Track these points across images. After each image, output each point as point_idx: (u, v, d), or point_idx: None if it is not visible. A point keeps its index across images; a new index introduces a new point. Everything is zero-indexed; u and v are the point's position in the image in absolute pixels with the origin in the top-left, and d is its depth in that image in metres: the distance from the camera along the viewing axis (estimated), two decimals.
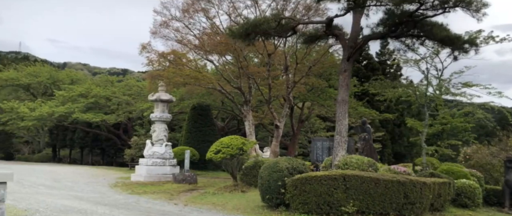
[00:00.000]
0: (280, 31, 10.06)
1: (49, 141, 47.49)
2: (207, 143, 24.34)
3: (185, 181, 15.04)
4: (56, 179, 17.09)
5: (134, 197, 11.38)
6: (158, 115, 16.90)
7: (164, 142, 16.96)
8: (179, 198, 11.18)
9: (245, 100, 15.91)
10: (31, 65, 45.10)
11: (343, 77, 9.84)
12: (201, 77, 14.31)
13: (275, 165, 8.45)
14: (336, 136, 9.52)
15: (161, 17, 15.48)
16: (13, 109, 33.24)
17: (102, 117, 33.06)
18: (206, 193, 11.23)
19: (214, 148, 11.32)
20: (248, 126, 16.24)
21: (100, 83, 38.16)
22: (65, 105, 33.24)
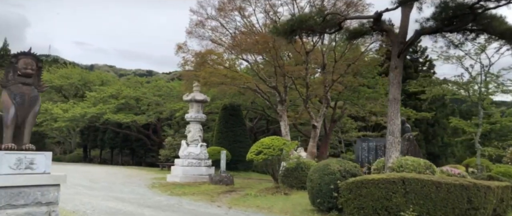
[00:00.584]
0: (325, 27, 9.66)
1: (80, 141, 48.46)
2: (238, 143, 24.16)
3: (222, 182, 14.80)
4: (93, 180, 17.19)
5: (175, 198, 11.20)
6: (193, 115, 16.75)
7: (199, 142, 16.80)
8: (220, 200, 10.92)
9: (281, 100, 15.54)
10: (62, 68, 46.19)
11: (394, 74, 9.35)
12: (238, 76, 14.04)
13: (326, 168, 8.06)
14: (389, 136, 9.05)
15: (197, 16, 15.37)
16: (47, 110, 33.95)
17: (133, 118, 33.37)
18: (248, 195, 10.94)
19: (254, 149, 11.02)
20: (284, 126, 15.87)
21: (130, 84, 38.60)
22: (97, 106, 33.73)
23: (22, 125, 6.35)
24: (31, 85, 6.39)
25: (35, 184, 6.08)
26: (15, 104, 6.18)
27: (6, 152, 5.96)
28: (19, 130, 6.37)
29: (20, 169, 6.02)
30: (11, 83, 6.26)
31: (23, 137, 6.36)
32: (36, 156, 6.20)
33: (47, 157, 6.35)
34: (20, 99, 6.22)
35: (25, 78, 6.32)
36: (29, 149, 6.25)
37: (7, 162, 5.92)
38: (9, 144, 6.06)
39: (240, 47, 14.16)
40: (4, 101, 6.20)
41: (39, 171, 6.20)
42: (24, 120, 6.33)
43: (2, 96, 6.28)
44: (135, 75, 68.34)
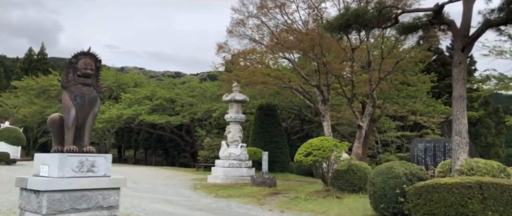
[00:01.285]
0: (381, 21, 9.15)
1: (115, 142, 49.40)
2: (274, 144, 23.79)
3: (265, 184, 14.48)
4: (134, 181, 17.23)
5: (222, 200, 10.95)
6: (232, 116, 16.51)
7: (239, 143, 16.54)
8: (269, 203, 10.58)
9: (323, 99, 15.05)
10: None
11: (458, 70, 8.74)
12: (282, 75, 13.65)
13: (390, 171, 7.57)
14: (455, 137, 8.45)
15: (239, 14, 15.07)
16: None
17: (167, 119, 33.60)
18: (297, 198, 10.55)
19: (303, 150, 10.62)
20: (327, 126, 15.36)
21: (164, 86, 38.96)
22: (132, 107, 34.17)
23: (82, 127, 6.20)
24: (90, 85, 6.23)
25: (96, 187, 5.91)
26: (76, 105, 6.03)
27: (68, 154, 5.82)
28: (79, 131, 6.22)
29: (82, 172, 5.86)
30: (72, 84, 6.12)
31: (83, 139, 6.22)
32: (97, 159, 6.04)
33: (107, 160, 6.17)
34: (81, 100, 6.07)
35: (85, 79, 6.17)
36: (90, 151, 6.09)
37: (70, 165, 5.78)
38: (71, 146, 5.92)
39: (284, 45, 13.76)
40: (65, 102, 6.07)
41: (100, 174, 6.03)
42: (84, 121, 6.18)
43: (63, 97, 6.14)
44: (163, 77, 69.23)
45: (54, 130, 6.23)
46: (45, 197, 5.45)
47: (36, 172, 6.10)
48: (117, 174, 18.87)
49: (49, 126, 6.28)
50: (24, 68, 64.49)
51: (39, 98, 43.26)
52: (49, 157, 5.84)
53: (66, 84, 6.09)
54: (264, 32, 15.38)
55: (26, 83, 43.31)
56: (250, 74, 13.96)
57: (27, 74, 51.75)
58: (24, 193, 5.92)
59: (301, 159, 10.50)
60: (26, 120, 43.66)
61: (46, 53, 70.49)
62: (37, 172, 6.04)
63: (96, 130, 43.49)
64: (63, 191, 5.59)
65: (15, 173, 18.50)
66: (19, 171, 20.14)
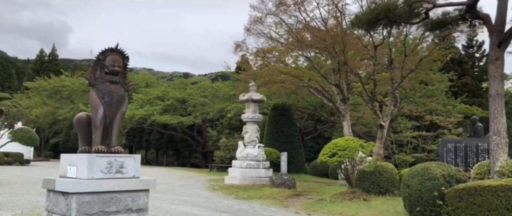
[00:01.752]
0: (411, 16, 8.81)
1: (126, 142, 49.41)
2: (289, 144, 23.45)
3: (284, 186, 14.17)
4: None
5: (244, 202, 10.66)
6: (249, 116, 16.23)
7: (256, 143, 16.26)
8: (293, 205, 10.28)
9: (343, 98, 14.71)
10: None
11: (495, 66, 8.35)
12: (302, 74, 13.32)
13: (426, 172, 7.22)
14: (493, 136, 8.08)
15: (257, 12, 14.77)
16: None
17: (179, 119, 33.44)
18: (322, 200, 10.22)
19: (327, 151, 10.29)
20: (347, 126, 15.01)
21: (175, 86, 38.82)
22: (144, 107, 34.07)
23: (109, 126, 5.96)
24: (118, 83, 6.00)
25: (125, 189, 5.66)
26: (104, 104, 5.79)
27: (97, 155, 5.58)
28: (106, 131, 5.98)
29: (111, 173, 5.62)
30: (99, 82, 5.88)
31: (111, 139, 5.97)
32: (126, 159, 5.79)
33: (136, 160, 5.93)
34: (109, 98, 5.83)
35: (112, 76, 5.93)
36: (118, 152, 5.85)
37: (99, 166, 5.53)
38: (99, 146, 5.68)
39: (304, 43, 13.43)
40: (93, 100, 5.83)
41: (129, 175, 5.78)
42: (112, 120, 5.94)
43: (90, 96, 5.91)
44: (172, 77, 69.16)
45: (81, 130, 6.00)
46: (74, 200, 5.22)
47: (62, 173, 5.87)
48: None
49: (76, 125, 6.05)
50: (36, 69, 64.98)
51: (51, 98, 43.42)
52: (77, 157, 5.60)
53: (93, 81, 5.86)
54: (282, 30, 15.09)
55: (38, 84, 43.49)
56: (269, 73, 13.63)
57: (39, 75, 52.06)
58: (52, 195, 5.70)
59: (326, 160, 10.18)
60: (38, 121, 43.84)
61: (57, 54, 70.94)
62: (64, 173, 5.81)
63: None
64: (93, 193, 5.35)
65: (30, 173, 18.48)
66: (34, 171, 20.09)
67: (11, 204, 8.86)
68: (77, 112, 41.46)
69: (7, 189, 11.75)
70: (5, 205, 8.72)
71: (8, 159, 24.80)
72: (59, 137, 54.68)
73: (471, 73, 35.20)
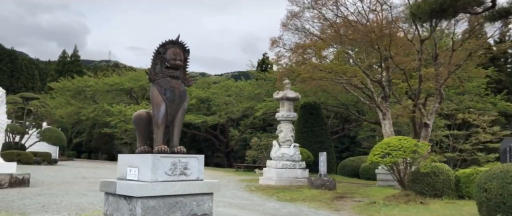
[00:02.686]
0: (477, 4, 8.19)
1: None
2: (319, 144, 22.86)
3: (324, 187, 13.65)
4: None
5: (290, 205, 10.19)
6: (284, 114, 15.75)
7: (291, 143, 15.77)
8: (343, 208, 9.75)
9: (384, 96, 14.08)
10: (127, 71, 47.34)
11: None
12: (345, 70, 12.71)
13: (508, 175, 6.62)
14: None
15: (295, 6, 14.23)
16: (121, 112, 34.67)
17: (204, 118, 33.19)
18: (375, 203, 9.66)
19: (379, 151, 9.73)
20: (389, 125, 14.37)
21: (198, 85, 38.61)
22: None
23: (171, 124, 5.56)
24: (179, 78, 5.59)
25: (190, 192, 5.24)
26: (166, 100, 5.39)
27: (161, 155, 5.18)
28: (167, 129, 5.59)
29: (175, 175, 5.21)
30: (160, 77, 5.48)
31: (173, 138, 5.57)
32: (190, 160, 5.37)
33: (200, 161, 5.50)
34: (171, 94, 5.42)
35: (173, 71, 5.52)
36: (181, 152, 5.44)
37: (163, 168, 5.13)
38: (162, 146, 5.27)
39: (347, 38, 12.84)
40: (154, 97, 5.43)
41: (193, 177, 5.36)
42: (173, 118, 5.53)
43: (151, 92, 5.51)
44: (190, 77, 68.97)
45: (140, 128, 5.62)
46: (139, 204, 4.82)
47: (121, 175, 5.49)
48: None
49: (134, 123, 5.67)
50: (58, 70, 65.91)
51: (74, 99, 43.80)
52: (139, 158, 5.21)
53: (154, 77, 5.46)
54: (320, 25, 14.49)
55: (62, 84, 43.92)
56: (309, 70, 13.07)
57: (61, 76, 52.68)
58: (111, 198, 5.32)
59: (378, 160, 9.62)
60: (62, 121, 44.24)
61: (79, 55, 71.88)
62: (123, 175, 5.43)
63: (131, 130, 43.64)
64: (158, 198, 4.95)
65: (62, 173, 18.39)
66: (64, 171, 20.02)
67: (55, 205, 8.59)
68: (101, 112, 41.70)
69: (45, 189, 11.55)
70: (49, 206, 8.45)
71: (37, 158, 24.88)
72: (82, 137, 55.23)
73: (505, 69, 33.96)
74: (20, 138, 25.59)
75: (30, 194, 10.26)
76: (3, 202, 8.93)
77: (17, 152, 23.36)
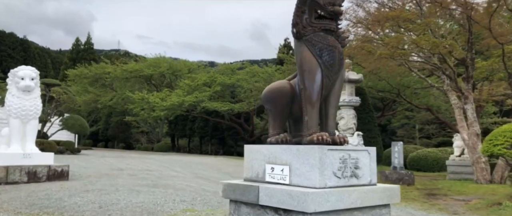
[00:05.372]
0: None
1: (169, 130, 48.10)
2: (366, 132, 21.01)
3: (402, 182, 11.90)
4: (229, 173, 15.12)
5: None
6: (346, 99, 13.89)
7: (354, 131, 13.97)
8: (458, 211, 7.98)
9: (467, 76, 12.21)
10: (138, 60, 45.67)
11: None
12: (437, 45, 10.75)
13: None
14: None
15: None
16: (143, 99, 33.14)
17: (230, 106, 31.53)
18: (500, 205, 7.88)
19: (502, 140, 7.93)
20: (471, 110, 12.51)
21: (222, 71, 36.92)
22: (192, 94, 32.32)
23: (324, 102, 3.82)
24: (335, 33, 3.82)
25: (368, 204, 3.50)
26: (322, 66, 3.62)
27: (329, 148, 3.44)
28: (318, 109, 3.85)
29: (345, 177, 3.44)
30: (309, 31, 3.69)
31: (328, 122, 3.80)
32: (360, 155, 3.58)
33: (372, 157, 3.70)
34: (329, 56, 3.60)
35: (330, 22, 3.72)
36: (345, 142, 3.69)
37: (331, 166, 3.37)
38: (323, 134, 3.48)
39: (442, 5, 10.77)
40: (305, 60, 3.63)
41: (365, 180, 3.58)
42: (329, 92, 3.76)
43: (300, 53, 3.71)
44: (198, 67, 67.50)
45: (278, 107, 3.84)
46: None
47: (252, 174, 3.76)
48: (196, 166, 15.27)
49: (269, 100, 3.90)
50: (72, 58, 64.63)
51: (92, 86, 42.40)
52: (289, 151, 3.45)
53: (302, 30, 3.68)
54: None
55: (79, 71, 42.51)
56: (394, 45, 11.10)
57: (75, 64, 51.31)
58: (246, 210, 3.61)
59: (502, 152, 7.85)
60: (79, 109, 42.97)
61: (92, 43, 70.54)
62: (257, 175, 3.70)
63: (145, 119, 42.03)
64: (331, 213, 3.22)
65: (92, 164, 16.88)
66: (92, 161, 18.52)
67: (114, 206, 6.95)
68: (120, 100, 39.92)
69: (88, 183, 9.96)
70: (108, 207, 6.82)
71: (60, 147, 23.47)
72: (98, 126, 54.07)
73: None
74: (42, 126, 24.15)
75: (75, 190, 8.66)
76: (49, 200, 7.34)
77: (40, 141, 21.86)
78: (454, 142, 16.48)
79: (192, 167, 17.02)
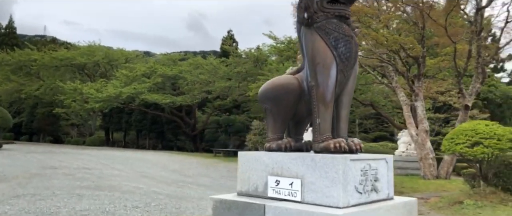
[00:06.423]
0: None
1: (103, 123, 45.22)
2: None
3: None
4: (177, 171, 14.19)
5: None
6: None
7: (308, 127, 13.72)
8: (424, 211, 7.92)
9: (418, 74, 12.44)
10: (69, 48, 42.40)
11: None
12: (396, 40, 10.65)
13: None
14: None
15: None
16: (76, 89, 30.64)
17: (172, 98, 30.17)
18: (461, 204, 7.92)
19: (463, 139, 7.97)
20: (421, 107, 12.79)
21: (163, 62, 35.30)
22: (131, 85, 30.46)
23: (336, 100, 3.26)
24: (350, 20, 3.26)
25: None
26: (337, 59, 3.05)
27: (351, 157, 2.87)
28: None
29: (366, 192, 2.91)
30: (322, 17, 3.12)
31: (340, 124, 3.26)
32: (379, 165, 3.10)
33: (389, 166, 3.24)
34: (346, 48, 3.04)
35: (344, 7, 3.17)
36: (360, 149, 3.16)
37: (353, 179, 2.84)
38: (338, 140, 2.97)
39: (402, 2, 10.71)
40: (320, 52, 3.03)
41: (383, 194, 3.08)
42: (342, 89, 3.22)
43: (310, 42, 3.09)
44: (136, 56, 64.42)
45: (281, 107, 3.21)
46: None
47: (250, 187, 3.11)
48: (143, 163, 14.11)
49: (269, 99, 3.24)
50: None
51: (15, 74, 38.45)
52: (302, 161, 2.85)
53: (313, 15, 3.08)
54: None
55: (0, 57, 38.28)
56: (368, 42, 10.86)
57: None
58: None
59: (465, 151, 7.89)
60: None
61: (14, 26, 64.18)
62: (256, 189, 3.06)
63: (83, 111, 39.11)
64: None
65: (18, 161, 14.97)
66: (19, 158, 16.50)
67: (56, 215, 5.90)
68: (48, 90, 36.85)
69: (17, 186, 8.60)
70: None
71: None
72: (21, 118, 49.43)
73: None
74: None
75: (2, 196, 7.36)
76: None
77: None
78: (401, 138, 16.86)
79: (134, 164, 15.81)
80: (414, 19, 11.87)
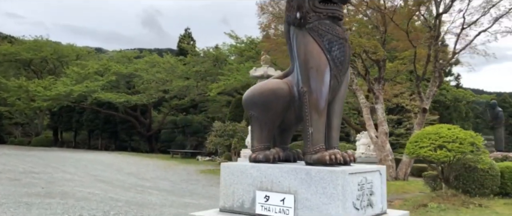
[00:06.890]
0: None
1: (51, 123, 42.74)
2: None
3: None
4: (134, 174, 13.51)
5: None
6: None
7: None
8: None
9: (379, 77, 12.66)
10: (13, 42, 39.76)
11: None
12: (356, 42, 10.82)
13: None
14: None
15: None
16: (21, 87, 28.64)
17: (127, 97, 29.03)
18: (424, 207, 8.04)
19: (427, 143, 8.09)
20: (381, 110, 13.01)
21: (117, 60, 33.89)
22: (83, 83, 28.96)
23: (327, 107, 3.02)
24: (342, 22, 3.05)
25: None
26: (331, 63, 2.83)
27: (350, 171, 2.64)
28: None
29: (363, 208, 2.71)
30: (313, 18, 2.87)
31: (331, 133, 3.02)
32: (373, 177, 2.91)
33: (383, 176, 3.07)
34: (340, 52, 2.83)
35: (337, 8, 2.96)
36: (352, 159, 2.95)
37: (351, 195, 2.62)
38: (334, 152, 2.74)
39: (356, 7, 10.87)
40: (313, 55, 2.78)
41: (378, 209, 2.91)
42: (334, 97, 3.00)
43: (302, 44, 2.84)
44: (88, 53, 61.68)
45: (269, 115, 2.94)
46: None
47: (235, 203, 2.81)
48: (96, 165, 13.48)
49: (256, 106, 2.95)
50: None
51: None
52: (292, 174, 2.58)
53: (305, 16, 2.83)
54: None
55: None
56: None
57: None
58: None
59: (430, 154, 8.00)
60: None
61: None
62: (241, 205, 2.77)
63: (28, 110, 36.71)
64: None
65: None
66: None
67: None
68: None
69: None
70: None
71: None
72: None
73: None
74: None
75: None
76: None
77: None
78: (360, 140, 17.16)
79: (87, 167, 14.92)
80: (375, 23, 12.09)
